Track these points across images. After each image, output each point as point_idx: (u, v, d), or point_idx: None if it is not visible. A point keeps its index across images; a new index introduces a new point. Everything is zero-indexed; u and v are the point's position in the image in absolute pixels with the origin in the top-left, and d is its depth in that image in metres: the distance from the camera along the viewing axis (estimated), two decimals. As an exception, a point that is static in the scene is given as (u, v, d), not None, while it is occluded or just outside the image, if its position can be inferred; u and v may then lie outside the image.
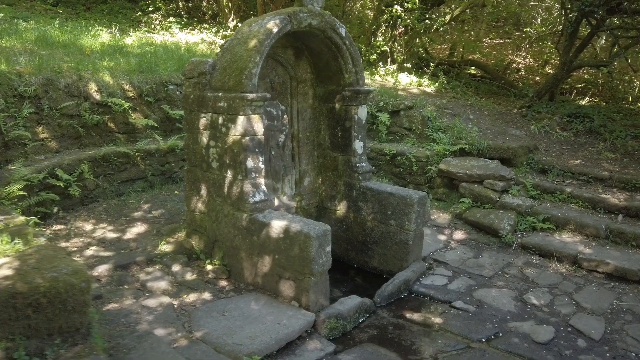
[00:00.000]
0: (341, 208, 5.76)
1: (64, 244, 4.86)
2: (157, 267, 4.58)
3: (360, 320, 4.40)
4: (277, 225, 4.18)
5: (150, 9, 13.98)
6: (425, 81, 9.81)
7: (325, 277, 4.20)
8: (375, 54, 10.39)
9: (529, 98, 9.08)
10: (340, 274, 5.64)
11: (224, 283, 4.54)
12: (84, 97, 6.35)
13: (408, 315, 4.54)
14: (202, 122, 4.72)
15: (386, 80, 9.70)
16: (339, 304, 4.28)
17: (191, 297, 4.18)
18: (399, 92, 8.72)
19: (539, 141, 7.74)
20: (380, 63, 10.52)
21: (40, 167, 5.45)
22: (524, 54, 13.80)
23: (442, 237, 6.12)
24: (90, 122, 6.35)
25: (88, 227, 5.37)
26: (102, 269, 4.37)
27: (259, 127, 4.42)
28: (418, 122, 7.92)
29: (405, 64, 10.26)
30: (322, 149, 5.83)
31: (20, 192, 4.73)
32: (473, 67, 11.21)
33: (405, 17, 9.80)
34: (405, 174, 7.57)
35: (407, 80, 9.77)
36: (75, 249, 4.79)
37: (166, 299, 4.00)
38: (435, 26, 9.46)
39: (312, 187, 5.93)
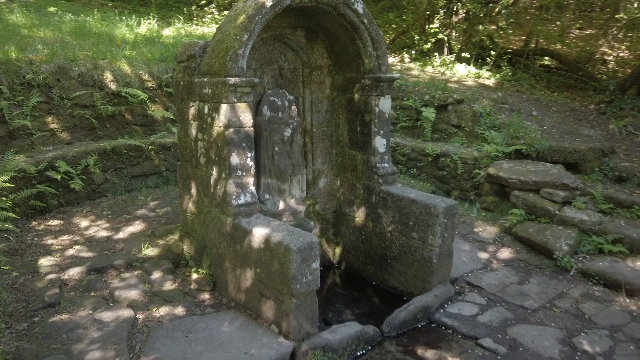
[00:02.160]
0: (360, 215, 5.05)
1: (50, 241, 4.62)
2: (136, 272, 4.17)
3: (359, 354, 3.71)
4: (258, 234, 3.59)
5: (203, 2, 13.98)
6: (485, 73, 8.74)
7: (311, 300, 3.54)
8: (429, 43, 9.45)
9: (609, 92, 7.72)
10: (356, 291, 4.98)
11: (205, 296, 4.03)
12: (98, 86, 6.17)
13: (420, 351, 3.76)
14: (191, 111, 4.25)
15: (439, 71, 8.77)
16: (330, 332, 3.61)
17: (161, 311, 3.71)
18: (450, 85, 7.77)
19: (618, 143, 6.47)
20: (437, 53, 9.57)
21: (42, 158, 5.29)
22: (616, 45, 12.06)
23: (483, 255, 5.19)
24: (104, 113, 6.15)
25: (85, 223, 5.12)
26: (74, 272, 4.04)
27: (246, 117, 3.85)
28: (468, 118, 6.96)
29: (463, 54, 9.23)
30: (341, 146, 5.16)
31: (7, 184, 4.51)
32: (547, 58, 9.89)
33: (465, 0, 8.79)
34: (449, 178, 6.66)
35: (464, 71, 8.77)
36: (59, 247, 4.52)
37: (128, 313, 3.56)
38: (497, 9, 8.35)
39: (329, 189, 5.27)
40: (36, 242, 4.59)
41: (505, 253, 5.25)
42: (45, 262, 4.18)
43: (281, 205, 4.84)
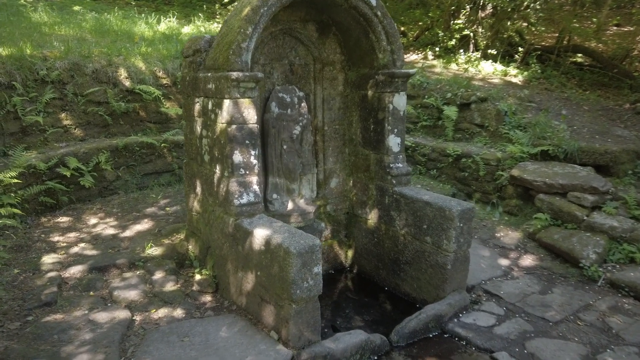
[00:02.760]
0: (372, 217, 4.86)
1: (56, 238, 4.60)
2: (138, 272, 4.10)
3: (364, 364, 3.51)
4: (259, 236, 3.45)
5: (226, 0, 13.98)
6: (512, 70, 8.38)
7: (312, 306, 3.37)
8: (454, 40, 9.14)
9: (647, 90, 7.27)
10: (368, 296, 4.79)
11: (207, 298, 3.91)
12: (112, 83, 6.16)
13: (430, 363, 3.54)
14: (196, 107, 4.15)
15: (464, 69, 8.45)
16: (332, 341, 3.44)
17: (160, 313, 3.61)
18: (474, 83, 7.47)
19: (655, 145, 6.05)
20: (462, 50, 9.25)
21: (54, 154, 5.29)
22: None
23: (504, 262, 4.92)
24: (118, 110, 6.14)
25: (93, 220, 5.10)
26: (75, 270, 3.99)
27: (250, 114, 3.71)
28: (492, 117, 6.66)
29: (489, 51, 8.88)
30: (354, 145, 4.98)
31: (15, 180, 4.51)
32: (580, 55, 9.43)
33: (493, -6, 8.45)
34: (470, 180, 6.38)
35: (490, 69, 8.44)
36: (65, 244, 4.49)
37: (124, 314, 3.47)
38: (525, 3, 7.98)
39: (342, 189, 5.10)
40: (43, 239, 4.58)
41: (527, 260, 4.96)
42: (48, 259, 4.15)
43: (290, 205, 4.69)
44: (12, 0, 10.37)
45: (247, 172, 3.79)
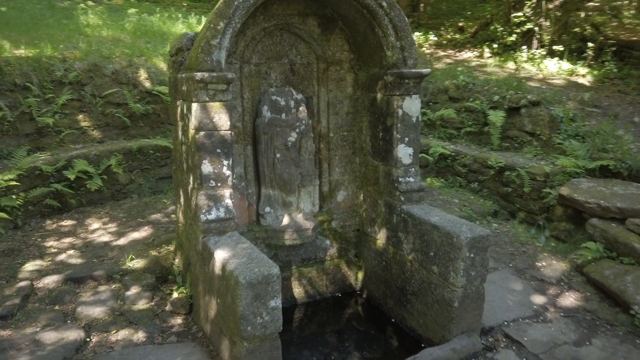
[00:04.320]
0: (381, 237, 4.31)
1: (50, 243, 4.55)
2: (114, 286, 3.89)
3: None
4: (218, 258, 3.08)
5: None
6: (581, 69, 7.32)
7: (270, 345, 2.92)
8: (514, 35, 8.20)
9: None
10: (375, 328, 4.28)
11: (177, 321, 3.61)
12: (132, 84, 6.10)
13: None
14: (178, 111, 3.86)
15: (522, 67, 7.53)
16: (294, 388, 2.96)
17: (119, 335, 3.36)
18: (530, 84, 6.59)
19: None
20: (524, 47, 8.28)
21: (65, 156, 5.29)
22: None
23: (539, 299, 4.15)
24: (137, 111, 6.06)
25: (95, 225, 5.01)
26: (50, 280, 3.86)
27: (221, 119, 3.35)
28: (544, 124, 5.79)
29: (555, 47, 7.85)
30: (364, 154, 4.46)
31: (13, 183, 4.51)
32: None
33: (561, -17, 7.46)
34: (514, 197, 5.58)
35: (554, 68, 7.45)
36: (55, 250, 4.42)
37: (76, 335, 3.24)
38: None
39: (350, 204, 4.60)
40: (37, 243, 4.54)
41: (569, 299, 4.15)
42: (30, 266, 4.06)
43: (285, 220, 4.27)
44: (75, 3, 10.93)
45: (218, 184, 3.43)
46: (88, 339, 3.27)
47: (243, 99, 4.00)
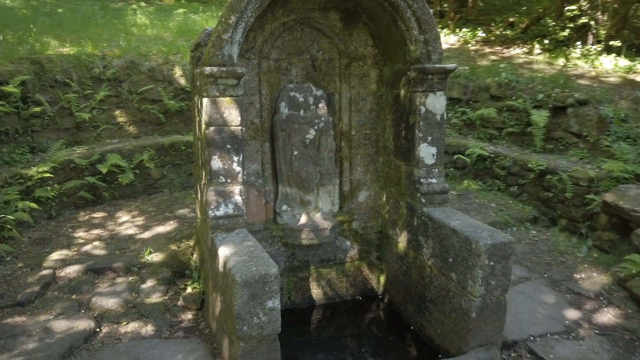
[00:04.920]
0: (402, 240, 4.15)
1: (79, 234, 4.72)
2: (131, 278, 3.96)
3: None
4: (221, 255, 3.06)
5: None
6: (640, 66, 6.76)
7: (268, 347, 2.86)
8: (567, 30, 7.69)
9: None
10: (394, 334, 4.14)
11: (187, 316, 3.63)
12: (167, 81, 6.24)
13: None
14: (196, 106, 3.87)
15: (575, 65, 7.05)
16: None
17: (129, 327, 3.41)
18: (581, 81, 6.15)
19: None
20: (578, 43, 7.76)
21: (100, 150, 5.47)
22: None
23: (572, 314, 3.84)
24: (172, 108, 6.19)
25: (124, 218, 5.16)
26: (71, 270, 3.99)
27: (231, 114, 3.32)
28: (592, 124, 5.37)
29: (612, 42, 7.29)
30: (387, 153, 4.31)
31: (47, 175, 4.71)
32: None
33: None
34: (555, 203, 5.21)
35: (609, 65, 6.92)
36: (82, 241, 4.57)
37: (86, 324, 3.32)
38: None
39: (373, 204, 4.46)
40: (67, 234, 4.72)
41: (607, 315, 3.80)
42: (56, 255, 4.22)
43: (303, 219, 4.19)
44: (127, 4, 11.39)
45: (229, 181, 3.40)
46: (98, 330, 3.34)
47: (261, 95, 3.96)
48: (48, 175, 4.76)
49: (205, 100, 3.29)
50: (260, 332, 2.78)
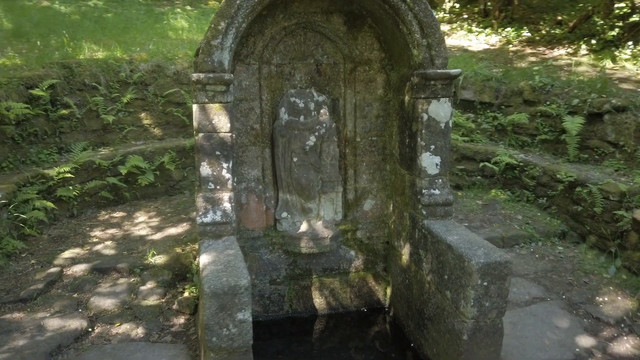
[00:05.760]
0: (405, 252, 4.01)
1: (95, 233, 4.90)
2: (132, 279, 4.06)
3: None
4: (201, 263, 3.05)
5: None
6: (698, 68, 6.15)
7: (239, 359, 2.80)
8: (616, 29, 7.13)
9: None
10: (396, 351, 4.02)
11: (180, 320, 3.67)
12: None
13: None
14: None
15: (622, 67, 6.53)
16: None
17: (121, 328, 3.49)
18: (623, 86, 5.68)
19: None
20: (630, 43, 7.18)
21: (124, 152, 5.66)
22: None
23: (585, 341, 3.54)
24: (196, 110, 6.29)
25: (141, 218, 5.31)
26: (78, 269, 4.13)
27: (220, 121, 3.31)
28: (630, 133, 4.94)
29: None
30: (394, 161, 4.17)
31: (68, 175, 4.93)
32: None
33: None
34: (584, 217, 4.84)
35: (662, 67, 6.34)
36: (96, 240, 4.74)
37: (77, 324, 3.42)
38: None
39: (379, 214, 4.34)
40: (85, 232, 4.91)
41: (625, 345, 3.47)
42: (68, 253, 4.40)
43: (303, 227, 4.13)
44: (172, 8, 11.76)
45: (218, 187, 3.39)
46: (90, 329, 3.44)
47: (262, 100, 3.93)
48: (69, 175, 4.98)
49: (195, 107, 3.30)
50: (230, 344, 2.75)
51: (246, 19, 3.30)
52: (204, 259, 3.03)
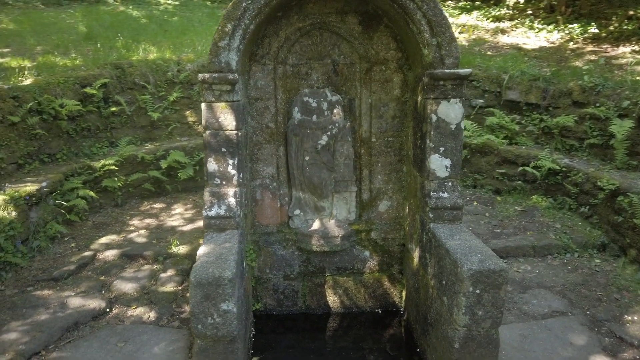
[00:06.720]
0: (416, 255, 3.95)
1: (134, 222, 5.25)
2: (155, 267, 4.32)
3: None
4: (198, 254, 3.19)
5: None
6: None
7: (223, 348, 2.93)
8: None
9: None
10: (404, 356, 3.96)
11: (189, 308, 3.85)
12: (234, 84, 6.58)
13: None
14: (213, 110, 4.08)
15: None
16: (245, 395, 2.93)
17: (136, 311, 3.74)
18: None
19: None
20: None
21: (167, 147, 6.01)
22: None
23: (603, 361, 3.29)
24: (237, 109, 6.54)
25: (178, 210, 5.61)
26: (110, 254, 4.46)
27: (227, 119, 3.45)
28: (684, 139, 4.47)
29: None
30: (409, 162, 4.10)
31: (113, 167, 5.33)
32: None
33: None
34: (625, 229, 4.46)
35: None
36: (132, 228, 5.08)
37: (96, 304, 3.70)
38: None
39: (395, 215, 4.29)
40: (125, 221, 5.28)
41: (646, 369, 3.18)
42: (104, 239, 4.76)
43: (315, 225, 4.18)
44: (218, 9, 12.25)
45: (223, 183, 3.53)
46: (108, 310, 3.71)
47: (277, 99, 4.03)
48: (113, 167, 5.38)
49: (203, 105, 3.46)
50: (215, 332, 2.87)
51: (253, 20, 3.40)
52: (201, 250, 3.18)
